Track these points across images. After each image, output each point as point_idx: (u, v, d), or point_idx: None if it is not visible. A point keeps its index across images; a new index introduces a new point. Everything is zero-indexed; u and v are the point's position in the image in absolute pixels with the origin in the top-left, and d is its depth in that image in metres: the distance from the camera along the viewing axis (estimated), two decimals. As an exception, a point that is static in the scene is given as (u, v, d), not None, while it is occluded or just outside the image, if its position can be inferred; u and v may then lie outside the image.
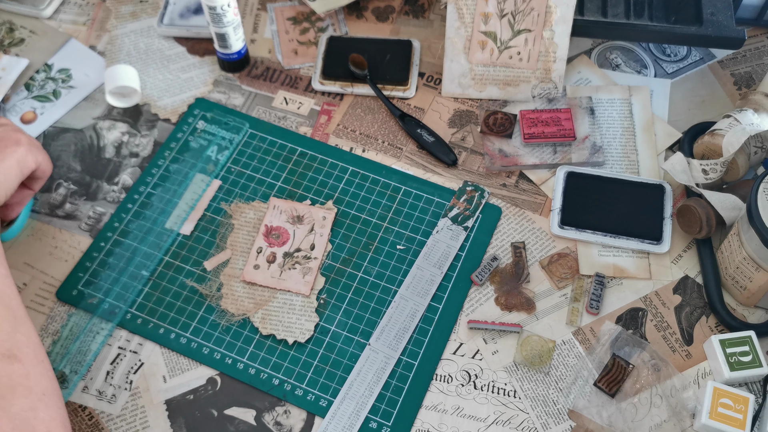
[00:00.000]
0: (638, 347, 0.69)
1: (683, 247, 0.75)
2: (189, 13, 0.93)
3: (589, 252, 0.75)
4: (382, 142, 0.83)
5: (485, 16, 0.83)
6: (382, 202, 0.78)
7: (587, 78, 0.87)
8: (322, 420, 0.66)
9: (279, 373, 0.68)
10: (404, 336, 0.70)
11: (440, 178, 0.80)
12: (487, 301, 0.72)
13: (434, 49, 0.90)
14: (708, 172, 0.74)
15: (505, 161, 0.80)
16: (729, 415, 0.63)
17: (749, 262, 0.67)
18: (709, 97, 0.86)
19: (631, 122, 0.83)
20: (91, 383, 0.68)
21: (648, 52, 0.89)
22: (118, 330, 0.71)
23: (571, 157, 0.80)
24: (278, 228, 0.76)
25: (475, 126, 0.84)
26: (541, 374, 0.68)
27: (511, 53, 0.83)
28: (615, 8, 0.86)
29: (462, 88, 0.86)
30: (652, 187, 0.77)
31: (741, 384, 0.67)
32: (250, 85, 0.88)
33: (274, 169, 0.81)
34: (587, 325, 0.71)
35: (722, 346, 0.67)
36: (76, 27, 0.94)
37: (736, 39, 0.81)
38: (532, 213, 0.78)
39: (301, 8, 0.94)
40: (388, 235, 0.76)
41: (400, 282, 0.73)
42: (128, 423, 0.66)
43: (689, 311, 0.72)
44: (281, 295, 0.72)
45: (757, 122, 0.74)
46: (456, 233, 0.76)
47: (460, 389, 0.68)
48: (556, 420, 0.66)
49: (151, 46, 0.92)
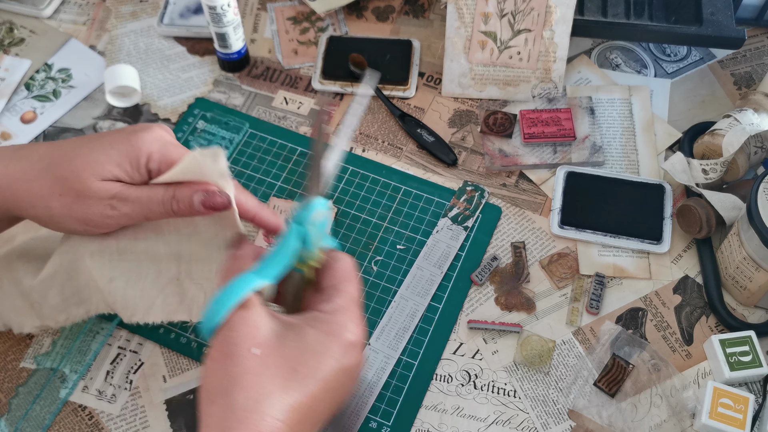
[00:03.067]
0: (638, 347, 0.69)
1: (683, 247, 0.75)
2: (189, 13, 0.93)
3: (589, 252, 0.75)
4: (382, 141, 0.83)
5: (485, 16, 0.83)
6: (382, 202, 0.78)
7: (587, 78, 0.87)
8: (322, 420, 0.66)
9: (279, 373, 0.68)
10: (404, 336, 0.70)
11: (440, 178, 0.80)
12: (487, 301, 0.72)
13: (434, 49, 0.90)
14: (708, 172, 0.74)
15: (505, 161, 0.80)
16: (729, 415, 0.63)
17: (749, 262, 0.67)
18: (709, 97, 0.86)
19: (631, 122, 0.83)
20: (91, 383, 0.68)
21: (648, 52, 0.89)
22: (118, 330, 0.71)
23: (571, 157, 0.80)
24: (278, 228, 0.76)
25: (475, 126, 0.84)
26: (541, 374, 0.68)
27: (511, 53, 0.83)
28: (615, 8, 0.86)
29: (462, 88, 0.86)
30: (652, 187, 0.77)
31: (741, 384, 0.67)
32: (250, 85, 0.88)
33: (274, 168, 0.81)
34: (587, 325, 0.71)
35: (722, 346, 0.67)
36: (76, 27, 0.94)
37: (736, 39, 0.81)
38: (532, 213, 0.78)
39: (301, 8, 0.94)
40: (388, 235, 0.76)
41: (400, 282, 0.73)
42: (128, 423, 0.66)
43: (689, 311, 0.72)
44: (281, 295, 0.72)
45: (757, 122, 0.74)
46: (456, 233, 0.76)
47: (460, 389, 0.68)
48: (556, 420, 0.66)
49: (151, 45, 0.92)
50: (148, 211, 0.55)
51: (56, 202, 0.54)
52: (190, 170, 0.55)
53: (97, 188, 0.54)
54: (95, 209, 0.54)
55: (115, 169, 0.54)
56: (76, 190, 0.53)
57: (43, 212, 0.55)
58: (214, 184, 0.56)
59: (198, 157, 0.55)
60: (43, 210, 0.54)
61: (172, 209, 0.55)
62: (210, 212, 0.55)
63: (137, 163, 0.55)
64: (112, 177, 0.55)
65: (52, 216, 0.55)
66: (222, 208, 0.55)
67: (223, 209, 0.55)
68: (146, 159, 0.55)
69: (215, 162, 0.55)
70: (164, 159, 0.56)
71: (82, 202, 0.54)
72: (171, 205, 0.55)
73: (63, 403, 0.67)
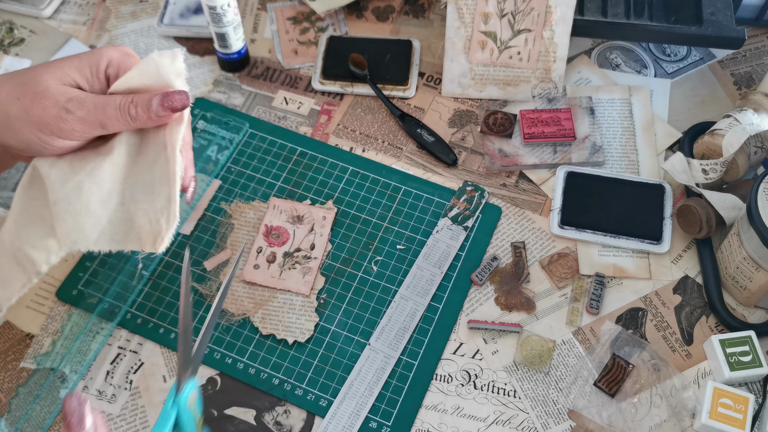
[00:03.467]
0: (638, 347, 0.69)
1: (683, 247, 0.75)
2: (189, 13, 0.93)
3: (589, 252, 0.75)
4: (382, 141, 0.83)
5: (485, 16, 0.83)
6: (382, 202, 0.78)
7: (587, 78, 0.87)
8: (322, 420, 0.66)
9: (279, 373, 0.68)
10: (404, 336, 0.70)
11: (440, 178, 0.80)
12: (487, 301, 0.72)
13: (434, 49, 0.90)
14: (708, 172, 0.74)
15: (505, 161, 0.80)
16: (729, 415, 0.63)
17: (749, 262, 0.67)
18: (709, 97, 0.86)
19: (631, 122, 0.83)
20: (91, 383, 0.68)
21: (648, 52, 0.89)
22: (118, 330, 0.71)
23: (571, 157, 0.80)
24: (278, 228, 0.76)
25: (475, 126, 0.84)
26: (541, 374, 0.68)
27: (511, 53, 0.83)
28: (615, 8, 0.86)
29: (462, 88, 0.86)
30: (652, 187, 0.77)
31: (741, 384, 0.67)
32: (250, 84, 0.88)
33: (274, 168, 0.81)
34: (587, 325, 0.71)
35: (722, 346, 0.67)
36: (76, 27, 0.94)
37: (736, 39, 0.81)
38: (532, 213, 0.78)
39: (301, 8, 0.94)
40: (388, 235, 0.76)
41: (400, 282, 0.73)
42: (128, 423, 0.66)
43: (689, 311, 0.72)
44: (281, 295, 0.72)
45: (757, 122, 0.74)
46: (456, 233, 0.76)
47: (460, 389, 0.68)
48: (556, 420, 0.66)
49: (151, 46, 0.92)
50: (104, 117, 0.55)
51: (14, 107, 0.54)
52: (146, 71, 0.55)
53: (54, 90, 0.54)
54: (51, 111, 0.54)
55: (75, 73, 0.55)
56: (34, 92, 0.54)
57: (1, 118, 0.55)
58: (170, 84, 0.56)
59: (155, 57, 0.55)
60: (1, 116, 0.55)
61: (129, 114, 0.55)
62: (168, 113, 0.55)
63: (97, 67, 0.56)
64: (71, 82, 0.55)
65: (10, 121, 0.55)
66: (181, 106, 0.55)
67: (183, 108, 0.55)
68: (106, 64, 0.56)
69: (173, 62, 0.55)
70: (123, 66, 0.56)
71: (39, 104, 0.54)
72: (128, 110, 0.55)
73: (63, 403, 0.67)
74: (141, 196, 0.58)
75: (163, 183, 0.57)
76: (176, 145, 0.57)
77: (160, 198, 0.57)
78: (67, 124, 0.54)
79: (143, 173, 0.58)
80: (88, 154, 0.58)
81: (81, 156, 0.58)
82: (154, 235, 0.57)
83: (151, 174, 0.57)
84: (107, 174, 0.57)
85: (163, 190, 0.57)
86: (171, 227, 0.57)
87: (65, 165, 0.57)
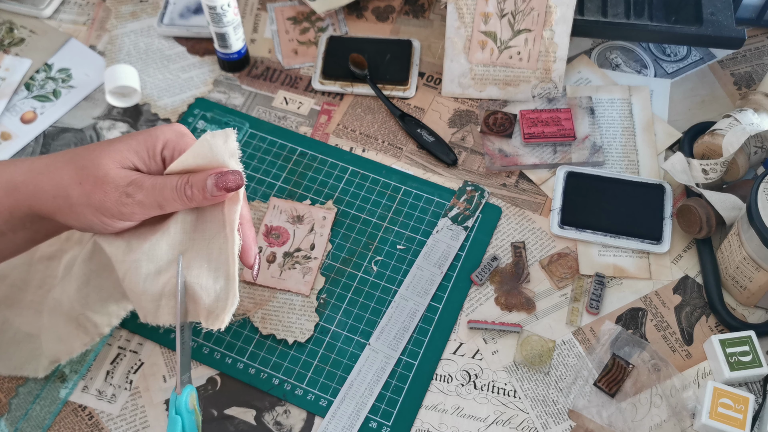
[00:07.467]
0: (638, 347, 0.69)
1: (683, 247, 0.75)
2: (189, 13, 0.93)
3: (589, 252, 0.75)
4: (382, 141, 0.83)
5: (485, 16, 0.83)
6: (382, 202, 0.78)
7: (587, 78, 0.87)
8: (322, 420, 0.66)
9: (279, 373, 0.68)
10: (404, 336, 0.70)
11: (440, 178, 0.80)
12: (487, 301, 0.72)
13: (434, 49, 0.90)
14: (708, 172, 0.74)
15: (505, 161, 0.80)
16: (729, 415, 0.63)
17: (749, 262, 0.67)
18: (709, 97, 0.86)
19: (631, 122, 0.83)
20: (91, 383, 0.68)
21: (648, 52, 0.89)
22: (118, 330, 0.71)
23: (571, 156, 0.80)
24: (278, 228, 0.76)
25: (475, 126, 0.84)
26: (541, 374, 0.68)
27: (511, 53, 0.83)
28: (615, 8, 0.86)
29: (462, 88, 0.86)
30: (652, 187, 0.77)
31: (741, 384, 0.67)
32: (250, 84, 0.88)
33: (274, 168, 0.81)
34: (587, 325, 0.71)
35: (722, 346, 0.67)
36: (76, 27, 0.94)
37: (736, 39, 0.81)
38: (532, 213, 0.78)
39: (301, 8, 0.94)
40: (388, 235, 0.76)
41: (400, 282, 0.73)
42: (128, 423, 0.66)
43: (689, 311, 0.72)
44: (281, 295, 0.72)
45: (757, 122, 0.74)
46: (456, 233, 0.76)
47: (460, 389, 0.68)
48: (556, 420, 0.66)
49: (151, 45, 0.92)
50: (161, 199, 0.56)
51: (76, 191, 0.55)
52: (201, 152, 0.56)
53: (114, 174, 0.55)
54: (112, 196, 0.55)
55: (133, 156, 0.57)
56: (95, 177, 0.55)
57: (63, 202, 0.56)
58: (224, 164, 0.57)
59: (208, 138, 0.56)
60: (63, 200, 0.56)
61: (186, 195, 0.56)
62: (223, 193, 0.56)
63: (153, 150, 0.57)
64: (130, 165, 0.57)
65: (72, 205, 0.56)
66: (235, 186, 0.56)
67: (237, 188, 0.56)
68: (162, 146, 0.57)
69: (226, 142, 0.56)
70: (178, 147, 0.58)
71: (100, 189, 0.55)
72: (185, 190, 0.56)
73: (63, 403, 0.67)
74: (196, 271, 0.58)
75: (221, 261, 0.58)
76: (234, 225, 0.58)
77: (220, 276, 0.58)
78: (128, 207, 0.56)
79: (200, 251, 0.59)
80: (146, 231, 0.59)
81: (138, 234, 0.59)
82: (217, 313, 0.57)
83: (208, 251, 0.58)
84: (164, 253, 0.58)
85: (222, 267, 0.58)
86: (233, 305, 0.57)
87: (123, 244, 0.59)
